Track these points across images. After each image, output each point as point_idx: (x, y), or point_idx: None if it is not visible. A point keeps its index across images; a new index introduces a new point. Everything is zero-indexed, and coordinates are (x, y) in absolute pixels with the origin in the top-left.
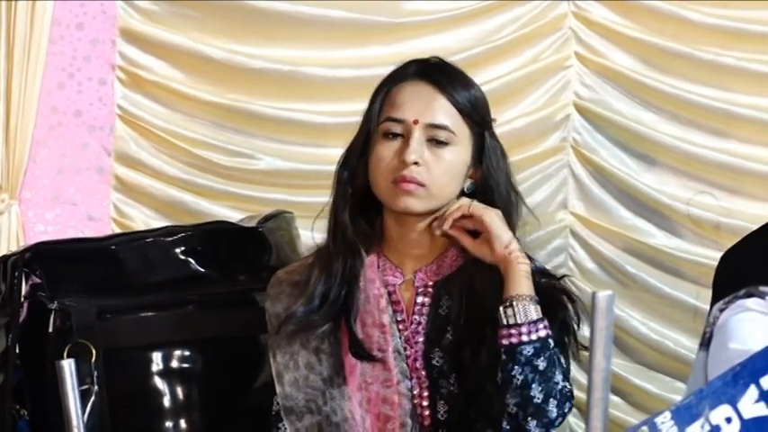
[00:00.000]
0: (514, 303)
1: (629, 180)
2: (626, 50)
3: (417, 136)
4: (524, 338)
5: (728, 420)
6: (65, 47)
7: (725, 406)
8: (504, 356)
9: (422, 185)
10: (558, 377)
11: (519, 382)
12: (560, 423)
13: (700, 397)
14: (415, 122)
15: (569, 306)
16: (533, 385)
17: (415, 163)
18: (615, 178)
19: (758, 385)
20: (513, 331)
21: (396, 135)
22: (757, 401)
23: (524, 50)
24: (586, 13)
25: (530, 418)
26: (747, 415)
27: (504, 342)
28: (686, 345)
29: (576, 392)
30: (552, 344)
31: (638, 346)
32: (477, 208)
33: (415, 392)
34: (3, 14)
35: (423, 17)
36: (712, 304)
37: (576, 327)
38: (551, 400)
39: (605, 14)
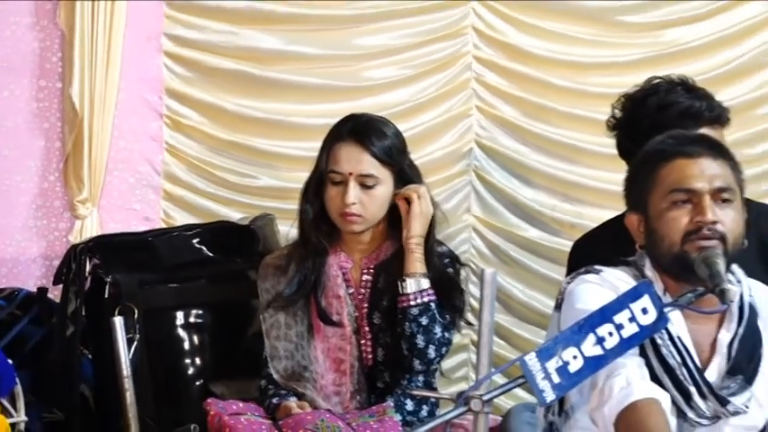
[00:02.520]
0: (407, 278)
1: (512, 193)
2: (510, 105)
3: (352, 184)
4: (412, 303)
5: (575, 357)
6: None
7: (572, 348)
8: (399, 315)
9: (360, 216)
10: (438, 330)
11: (408, 334)
12: (439, 362)
13: (555, 342)
14: (350, 174)
15: (459, 290)
16: (418, 335)
17: (353, 203)
18: (503, 192)
19: (595, 333)
20: (404, 298)
21: (338, 182)
22: (594, 345)
23: (441, 104)
24: (484, 78)
25: (415, 359)
26: (588, 354)
27: (400, 306)
28: (549, 305)
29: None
30: (434, 306)
31: (516, 306)
32: (420, 205)
33: (361, 342)
34: (76, 78)
35: (374, 82)
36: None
37: (462, 303)
38: (431, 346)
39: (497, 79)
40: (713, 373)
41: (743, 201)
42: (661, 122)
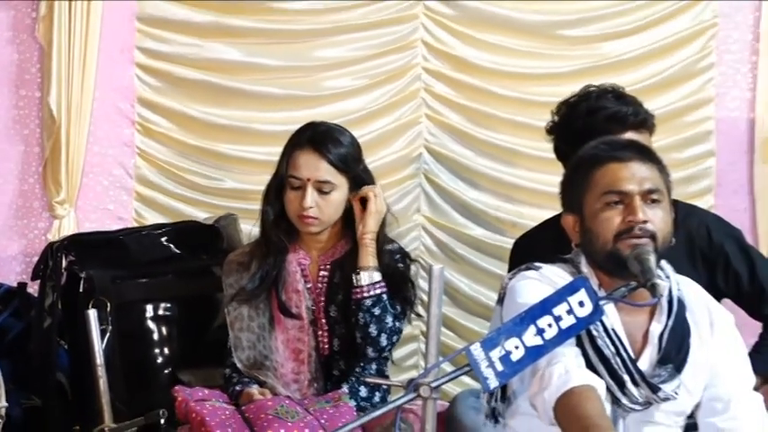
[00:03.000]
0: (361, 271)
1: (459, 195)
2: (457, 112)
3: (310, 189)
4: (365, 295)
5: (516, 347)
6: (101, 108)
7: (514, 338)
8: (354, 306)
9: (316, 219)
10: (389, 320)
11: (361, 323)
12: (390, 349)
13: (498, 333)
14: (308, 180)
15: (410, 284)
16: (371, 325)
17: (310, 207)
18: (450, 194)
19: (536, 325)
20: (358, 290)
21: (297, 187)
22: (535, 335)
23: (393, 112)
24: (432, 88)
25: (368, 347)
26: (529, 344)
27: (354, 297)
28: (493, 298)
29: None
30: (385, 297)
31: (462, 299)
32: (375, 203)
33: (318, 333)
34: (54, 88)
35: (331, 91)
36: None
37: (412, 296)
38: (383, 334)
39: (444, 89)
40: (645, 362)
41: (671, 201)
42: (591, 125)
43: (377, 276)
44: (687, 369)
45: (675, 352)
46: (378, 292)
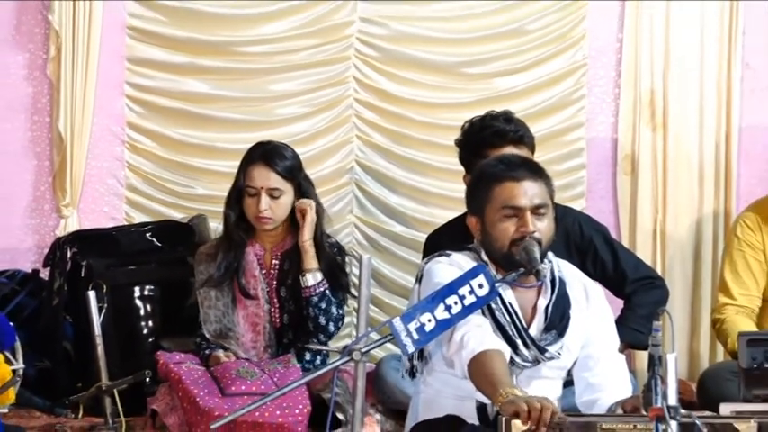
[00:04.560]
0: (306, 273)
1: (383, 200)
2: (382, 134)
3: (263, 196)
4: (312, 293)
5: (429, 320)
6: (98, 131)
7: (427, 313)
8: (304, 302)
9: (270, 219)
10: (334, 310)
11: (312, 315)
12: (336, 333)
13: (415, 309)
14: (261, 188)
15: (344, 274)
16: (320, 316)
17: (265, 210)
18: (376, 198)
19: (444, 303)
20: (306, 290)
21: (253, 194)
22: (444, 311)
23: (330, 134)
24: (362, 114)
25: (319, 334)
26: (439, 318)
27: (304, 295)
28: (410, 281)
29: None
30: (329, 292)
31: (386, 282)
32: (310, 214)
33: (271, 310)
34: (61, 115)
35: (281, 117)
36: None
37: (347, 282)
38: (330, 322)
39: (371, 116)
40: (534, 329)
41: (554, 207)
42: (482, 139)
43: (319, 276)
44: (568, 333)
45: (558, 320)
46: (322, 289)
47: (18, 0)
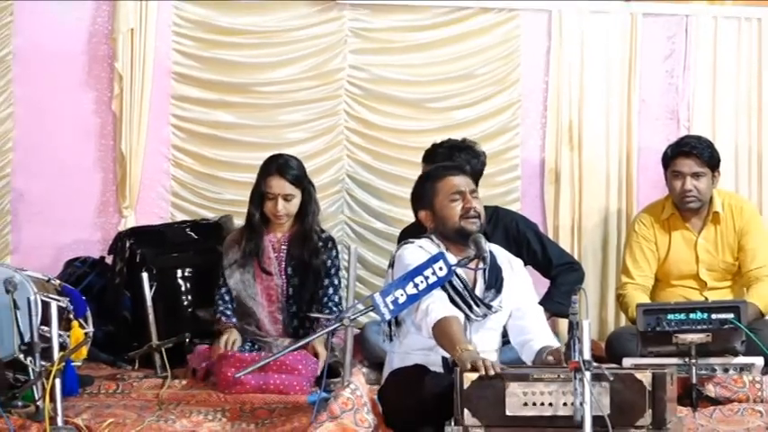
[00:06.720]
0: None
1: (367, 203)
2: (367, 154)
3: (280, 200)
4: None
5: (401, 295)
6: (150, 151)
7: (400, 290)
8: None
9: (285, 216)
10: (336, 298)
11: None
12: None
13: (390, 286)
14: (278, 194)
15: (337, 260)
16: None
17: (281, 210)
18: (363, 202)
19: (413, 281)
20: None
21: (272, 198)
22: (412, 288)
23: (327, 153)
24: (351, 138)
25: (331, 305)
26: (409, 293)
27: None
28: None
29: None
30: (337, 299)
31: (369, 265)
32: (321, 352)
33: (281, 284)
34: (124, 139)
35: (288, 140)
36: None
37: (339, 266)
38: (335, 307)
39: (359, 141)
40: (479, 290)
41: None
42: (440, 153)
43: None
44: (504, 291)
45: (494, 281)
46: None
47: (90, 53)
